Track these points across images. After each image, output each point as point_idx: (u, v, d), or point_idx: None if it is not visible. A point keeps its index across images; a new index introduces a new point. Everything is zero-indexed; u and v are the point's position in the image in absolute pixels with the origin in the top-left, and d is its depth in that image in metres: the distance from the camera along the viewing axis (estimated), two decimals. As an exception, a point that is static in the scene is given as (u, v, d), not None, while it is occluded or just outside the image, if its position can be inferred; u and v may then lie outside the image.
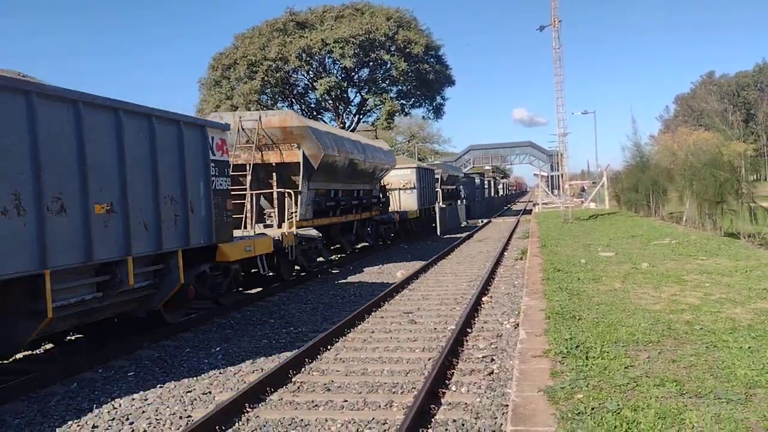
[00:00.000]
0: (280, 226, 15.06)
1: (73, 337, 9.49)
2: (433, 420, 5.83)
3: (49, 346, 9.15)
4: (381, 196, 23.59)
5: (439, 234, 29.97)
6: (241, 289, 13.62)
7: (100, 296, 7.93)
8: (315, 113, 48.47)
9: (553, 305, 8.70)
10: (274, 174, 15.86)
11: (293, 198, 15.39)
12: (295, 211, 15.37)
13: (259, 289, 13.81)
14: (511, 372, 6.85)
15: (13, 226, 6.49)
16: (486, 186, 67.46)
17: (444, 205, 34.01)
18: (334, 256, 19.44)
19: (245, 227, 14.32)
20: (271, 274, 13.69)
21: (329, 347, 8.66)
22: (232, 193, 11.72)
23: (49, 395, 7.01)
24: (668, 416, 4.47)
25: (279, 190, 15.39)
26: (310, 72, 43.93)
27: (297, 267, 15.64)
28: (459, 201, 41.60)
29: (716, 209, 21.41)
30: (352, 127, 48.84)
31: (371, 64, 43.80)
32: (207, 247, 10.13)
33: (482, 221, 40.29)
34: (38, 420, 6.26)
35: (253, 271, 12.95)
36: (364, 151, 20.20)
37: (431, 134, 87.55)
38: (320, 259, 17.47)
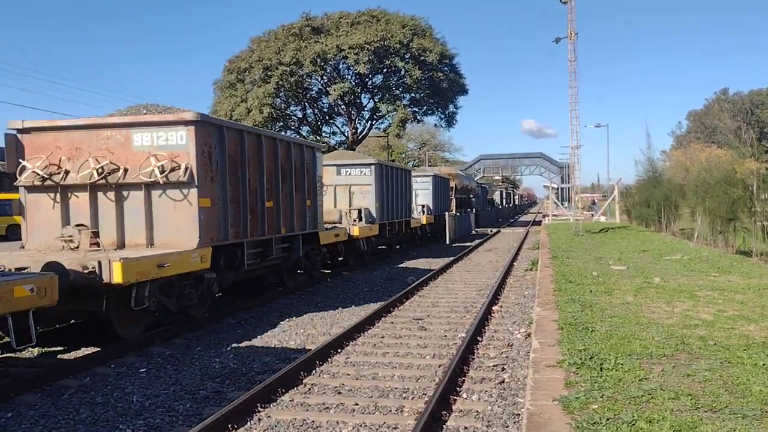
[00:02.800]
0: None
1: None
2: (444, 426, 5.83)
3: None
4: (471, 200, 44.47)
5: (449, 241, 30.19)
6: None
7: None
8: (327, 118, 48.64)
9: (566, 316, 8.68)
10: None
11: (452, 201, 35.84)
12: (451, 207, 35.39)
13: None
14: (523, 381, 6.85)
15: None
16: (483, 194, 67.46)
17: (458, 213, 35.42)
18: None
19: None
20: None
21: (340, 350, 8.67)
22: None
23: (62, 388, 7.07)
24: (684, 429, 4.46)
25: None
26: (324, 77, 44.11)
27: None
28: (475, 208, 47.24)
29: (728, 226, 21.34)
30: (363, 133, 48.98)
31: (385, 70, 43.97)
32: None
33: (491, 231, 40.26)
34: (52, 412, 6.30)
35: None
36: (469, 180, 45.41)
37: (442, 142, 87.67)
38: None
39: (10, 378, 7.31)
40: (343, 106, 46.21)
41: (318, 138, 45.86)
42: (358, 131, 48.20)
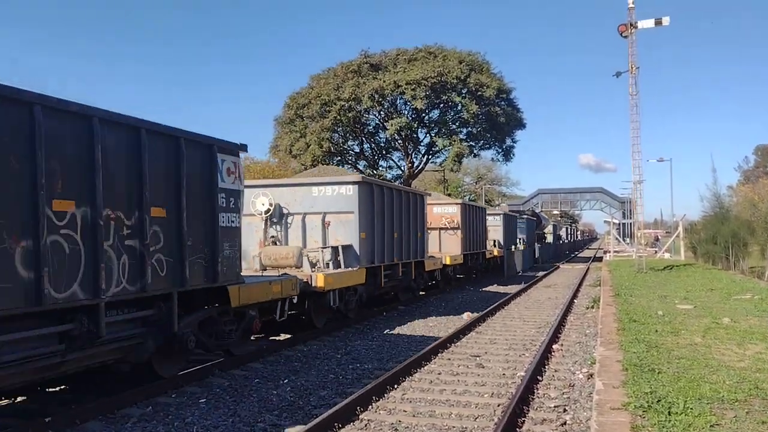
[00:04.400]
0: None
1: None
2: (504, 468, 5.68)
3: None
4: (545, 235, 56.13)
5: (519, 272, 33.76)
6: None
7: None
8: (384, 152, 49.08)
9: (631, 357, 8.40)
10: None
11: (535, 236, 47.77)
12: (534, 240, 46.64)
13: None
14: (586, 424, 6.63)
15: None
16: (555, 230, 66.50)
17: (540, 245, 37.08)
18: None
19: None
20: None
21: (396, 386, 8.59)
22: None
23: (125, 417, 7.22)
24: (761, 481, 4.22)
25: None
26: (382, 112, 44.63)
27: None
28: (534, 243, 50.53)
29: (803, 265, 20.32)
30: (420, 167, 49.15)
31: (442, 105, 44.21)
32: None
33: (550, 266, 39.55)
34: (115, 440, 6.44)
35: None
36: (547, 221, 60.51)
37: (499, 176, 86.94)
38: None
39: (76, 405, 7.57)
40: (399, 141, 46.60)
41: (375, 172, 46.25)
42: (415, 165, 48.43)
